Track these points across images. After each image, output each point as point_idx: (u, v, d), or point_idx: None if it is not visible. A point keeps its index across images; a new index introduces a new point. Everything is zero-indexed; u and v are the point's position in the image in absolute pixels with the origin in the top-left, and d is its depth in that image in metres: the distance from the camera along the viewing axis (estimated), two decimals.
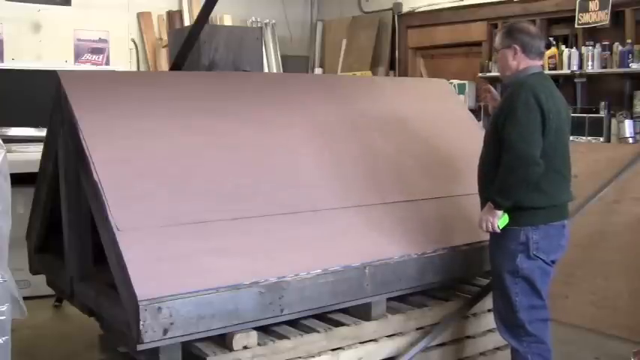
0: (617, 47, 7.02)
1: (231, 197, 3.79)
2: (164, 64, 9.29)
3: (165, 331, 3.15)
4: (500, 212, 3.71)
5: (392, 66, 9.90)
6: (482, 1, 8.60)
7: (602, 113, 7.06)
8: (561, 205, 3.86)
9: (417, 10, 9.54)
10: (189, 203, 3.63)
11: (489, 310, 4.33)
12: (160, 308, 3.12)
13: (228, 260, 3.47)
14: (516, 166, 3.61)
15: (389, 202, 4.27)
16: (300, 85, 4.92)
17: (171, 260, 3.32)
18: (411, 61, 9.76)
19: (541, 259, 3.77)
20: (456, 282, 4.47)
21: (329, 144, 4.41)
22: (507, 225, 3.74)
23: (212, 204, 3.70)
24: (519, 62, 3.85)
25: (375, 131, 4.70)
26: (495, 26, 8.51)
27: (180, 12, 9.82)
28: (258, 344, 3.48)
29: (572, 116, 7.09)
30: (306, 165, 4.22)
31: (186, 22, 9.54)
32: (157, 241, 3.38)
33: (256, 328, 3.50)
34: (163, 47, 9.34)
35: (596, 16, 7.26)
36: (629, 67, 6.88)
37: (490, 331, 4.38)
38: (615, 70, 7.05)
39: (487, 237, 4.04)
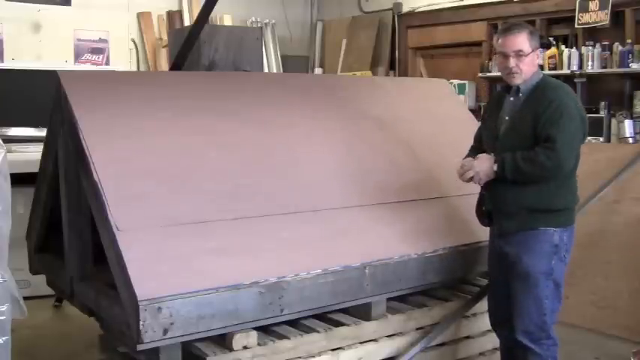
0: (617, 47, 7.04)
1: (231, 197, 3.79)
2: (164, 64, 9.30)
3: (165, 331, 3.15)
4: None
5: (392, 66, 9.91)
6: (482, 1, 8.61)
7: (602, 113, 7.08)
8: (575, 207, 3.86)
9: (417, 10, 9.55)
10: (189, 203, 3.63)
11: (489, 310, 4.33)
12: (159, 308, 3.12)
13: (228, 260, 3.47)
14: (550, 171, 3.57)
15: (389, 202, 4.27)
16: (300, 85, 4.92)
17: (171, 260, 3.32)
18: (411, 61, 9.77)
19: (567, 260, 3.75)
20: (456, 282, 4.46)
21: (329, 144, 4.41)
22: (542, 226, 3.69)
23: (212, 204, 3.70)
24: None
25: (374, 131, 4.70)
26: (495, 26, 8.52)
27: (180, 12, 9.83)
28: (258, 344, 3.47)
29: None
30: (306, 165, 4.22)
31: (186, 22, 9.54)
32: (156, 241, 3.38)
33: (256, 328, 3.49)
34: (163, 47, 9.35)
35: (596, 16, 7.27)
36: (629, 67, 6.90)
37: (489, 331, 4.37)
38: (615, 70, 7.06)
39: (486, 237, 4.04)
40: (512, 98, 3.80)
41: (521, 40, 3.70)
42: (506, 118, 3.80)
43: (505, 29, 3.81)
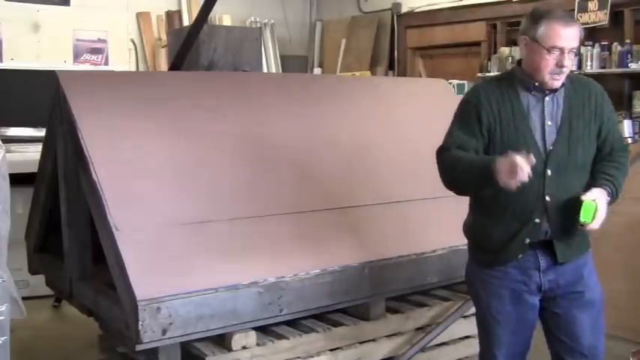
0: (616, 47, 7.03)
1: (230, 197, 3.79)
2: (163, 65, 9.28)
3: (164, 332, 3.15)
4: None
5: (391, 66, 9.89)
6: (481, 1, 8.60)
7: None
8: None
9: (416, 10, 9.53)
10: (188, 203, 3.63)
11: None
12: (158, 308, 3.13)
13: (228, 260, 3.47)
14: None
15: (388, 201, 4.27)
16: (299, 86, 4.92)
17: (170, 260, 3.33)
18: (410, 61, 9.76)
19: None
20: (456, 282, 4.46)
21: (328, 144, 4.41)
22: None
23: (211, 204, 3.70)
24: None
25: (374, 131, 4.70)
26: (494, 26, 8.53)
27: (179, 12, 9.81)
28: (257, 344, 3.48)
29: None
30: (306, 165, 4.22)
31: (186, 22, 9.53)
32: (156, 241, 3.38)
33: (255, 328, 3.50)
34: (162, 47, 9.33)
35: (595, 16, 7.26)
36: (628, 67, 6.90)
37: None
38: (614, 70, 7.06)
39: None
40: (547, 99, 3.05)
41: (579, 35, 2.99)
42: (549, 124, 3.04)
43: (561, 18, 2.96)
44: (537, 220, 3.03)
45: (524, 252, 3.06)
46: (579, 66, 7.28)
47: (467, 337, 4.36)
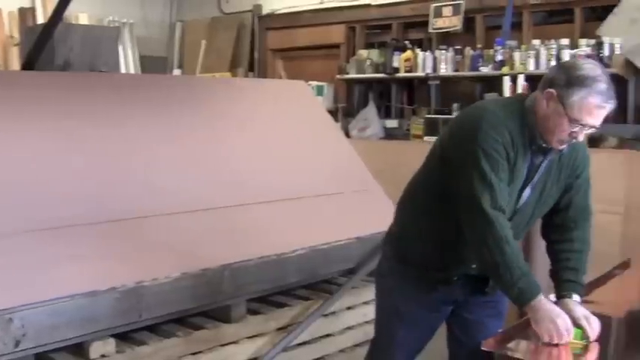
0: (469, 51, 7.35)
1: (85, 201, 3.70)
2: (15, 64, 8.95)
3: (17, 343, 3.03)
4: None
5: (251, 67, 9.93)
6: (341, 5, 8.78)
7: (455, 114, 7.36)
8: None
9: (277, 12, 9.61)
10: (40, 209, 3.52)
11: (348, 308, 4.42)
12: (10, 319, 3.00)
13: (84, 266, 3.38)
14: None
15: (247, 203, 4.29)
16: (158, 86, 4.86)
17: (22, 269, 3.20)
18: (271, 62, 9.84)
19: None
20: (316, 281, 4.52)
21: (186, 145, 4.39)
22: None
23: (65, 209, 3.60)
24: None
25: (233, 132, 4.71)
26: (353, 29, 8.73)
27: (32, 9, 9.48)
28: (117, 352, 3.40)
29: (427, 117, 7.44)
30: (164, 167, 4.18)
31: (40, 20, 9.23)
32: (7, 249, 3.25)
33: (115, 336, 3.42)
34: (15, 45, 9.01)
35: (449, 21, 7.57)
36: (479, 70, 7.22)
37: (349, 328, 4.46)
38: (467, 73, 7.39)
39: (348, 235, 4.10)
40: (544, 161, 2.81)
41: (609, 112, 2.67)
42: (529, 183, 2.83)
43: (599, 94, 2.57)
44: (474, 266, 2.90)
45: (449, 284, 2.96)
46: (434, 69, 7.56)
47: (328, 335, 4.43)
